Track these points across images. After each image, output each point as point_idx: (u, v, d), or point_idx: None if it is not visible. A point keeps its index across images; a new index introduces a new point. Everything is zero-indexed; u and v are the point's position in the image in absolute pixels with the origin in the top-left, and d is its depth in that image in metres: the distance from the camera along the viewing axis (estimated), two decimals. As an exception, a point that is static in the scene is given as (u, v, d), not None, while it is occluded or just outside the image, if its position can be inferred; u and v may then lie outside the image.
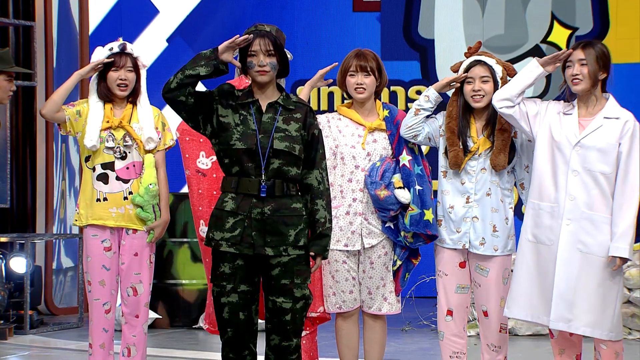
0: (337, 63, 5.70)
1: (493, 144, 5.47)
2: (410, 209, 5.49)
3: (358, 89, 5.56)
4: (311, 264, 4.90)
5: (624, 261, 5.12)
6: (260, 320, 5.00)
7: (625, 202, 5.11)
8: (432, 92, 5.53)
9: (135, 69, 5.75)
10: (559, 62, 5.29)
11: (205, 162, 5.65)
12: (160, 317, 8.95)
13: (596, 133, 5.18)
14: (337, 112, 5.70)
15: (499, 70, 5.49)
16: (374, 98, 5.65)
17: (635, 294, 8.29)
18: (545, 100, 5.39)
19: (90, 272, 5.73)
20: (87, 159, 5.74)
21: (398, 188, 5.49)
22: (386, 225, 5.55)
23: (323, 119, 5.64)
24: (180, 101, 4.79)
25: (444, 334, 5.57)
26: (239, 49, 4.83)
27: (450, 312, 5.54)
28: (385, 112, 5.63)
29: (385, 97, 10.59)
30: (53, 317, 9.64)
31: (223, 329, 4.87)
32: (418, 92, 10.52)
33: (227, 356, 4.88)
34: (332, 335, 5.75)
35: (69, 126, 5.72)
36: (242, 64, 4.87)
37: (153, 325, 8.73)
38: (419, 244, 5.56)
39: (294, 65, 5.19)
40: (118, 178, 5.71)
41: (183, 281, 9.05)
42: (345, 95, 5.70)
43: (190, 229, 8.91)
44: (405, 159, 5.55)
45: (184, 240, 9.03)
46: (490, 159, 5.45)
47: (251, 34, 4.81)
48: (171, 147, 5.88)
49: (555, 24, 10.75)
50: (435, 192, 5.54)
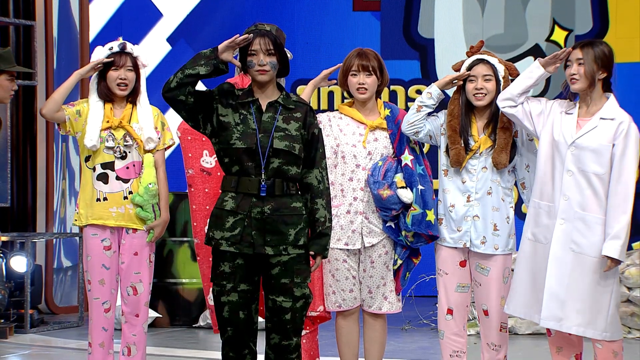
0: (341, 64, 5.69)
1: (494, 142, 5.47)
2: (412, 208, 5.48)
3: (360, 89, 5.55)
4: (311, 263, 4.90)
5: (616, 262, 5.10)
6: (260, 319, 5.01)
7: (619, 203, 5.10)
8: (434, 89, 5.53)
9: (135, 68, 5.75)
10: (559, 61, 5.29)
11: (209, 161, 5.64)
12: (160, 316, 8.95)
13: (591, 134, 5.17)
14: (338, 111, 5.70)
15: (501, 69, 5.49)
16: (375, 97, 5.65)
17: (634, 293, 8.29)
18: (551, 99, 5.39)
19: (90, 271, 5.73)
20: (87, 159, 5.74)
21: (401, 188, 5.49)
22: (387, 224, 5.55)
23: (324, 117, 5.63)
24: (180, 100, 4.79)
25: (444, 332, 5.57)
26: (239, 48, 4.83)
27: (450, 311, 5.54)
28: (387, 111, 5.62)
29: (385, 96, 10.58)
30: (53, 316, 9.64)
31: (223, 328, 4.87)
32: (418, 92, 10.52)
33: (227, 355, 4.88)
34: (332, 334, 5.75)
35: (69, 126, 5.72)
36: (242, 63, 4.86)
37: (153, 324, 8.74)
38: (419, 244, 5.56)
39: (294, 64, 5.18)
40: (118, 178, 5.71)
41: (183, 280, 9.05)
42: (347, 94, 5.70)
43: (191, 228, 8.90)
44: (407, 158, 5.55)
45: (184, 239, 9.02)
46: (492, 158, 5.45)
47: (251, 33, 4.80)
48: (170, 146, 5.87)
49: (555, 24, 10.75)
50: (436, 191, 5.54)
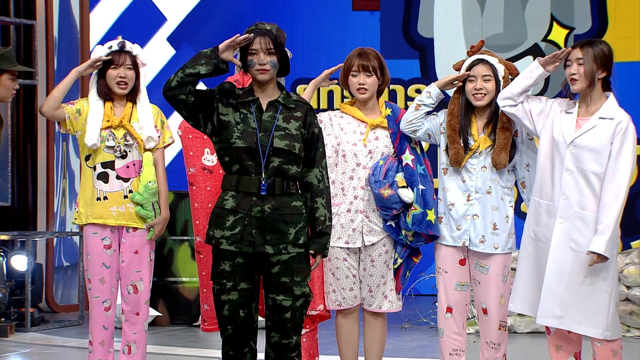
0: (342, 64, 5.69)
1: (494, 142, 5.48)
2: (412, 208, 5.49)
3: (360, 90, 5.56)
4: (311, 262, 4.91)
5: (603, 259, 5.09)
6: (260, 318, 5.02)
7: (610, 200, 5.09)
8: (434, 88, 5.55)
9: (134, 67, 5.75)
10: (559, 61, 5.30)
11: (210, 159, 5.64)
12: (160, 314, 8.96)
13: (590, 133, 5.18)
14: (339, 109, 5.71)
15: (501, 69, 5.50)
16: (376, 96, 5.66)
17: (633, 292, 8.30)
18: (551, 98, 5.40)
19: (90, 269, 5.73)
20: (87, 158, 5.74)
21: (402, 187, 5.50)
22: (387, 223, 5.56)
23: (325, 116, 5.64)
24: (180, 99, 4.80)
25: (444, 331, 5.58)
26: (239, 47, 4.84)
27: (449, 310, 5.56)
28: (388, 111, 5.64)
29: (385, 96, 10.55)
30: (54, 314, 9.65)
31: (223, 326, 4.88)
32: (417, 91, 10.52)
33: (227, 353, 4.89)
34: (332, 332, 5.76)
35: (69, 124, 5.72)
36: (242, 62, 4.87)
37: (153, 323, 8.74)
38: (419, 244, 5.57)
39: (294, 64, 5.18)
40: (118, 177, 5.71)
41: (183, 279, 9.06)
42: (347, 94, 5.70)
43: (191, 226, 8.91)
44: (408, 158, 5.56)
45: (184, 238, 9.03)
46: (492, 157, 5.46)
47: (251, 33, 4.81)
48: (170, 145, 5.88)
49: (554, 23, 10.76)
50: (436, 190, 5.55)
